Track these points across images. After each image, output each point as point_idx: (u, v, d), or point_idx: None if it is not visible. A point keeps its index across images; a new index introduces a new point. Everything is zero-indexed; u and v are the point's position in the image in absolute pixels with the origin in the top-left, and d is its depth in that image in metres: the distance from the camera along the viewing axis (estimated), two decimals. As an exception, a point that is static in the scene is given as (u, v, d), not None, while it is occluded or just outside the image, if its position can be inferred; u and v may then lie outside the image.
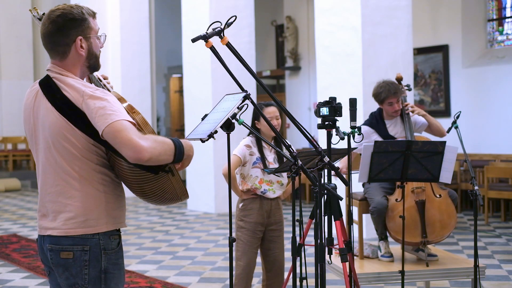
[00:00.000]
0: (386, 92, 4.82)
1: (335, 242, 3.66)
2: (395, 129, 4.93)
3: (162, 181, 2.41)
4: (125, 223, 2.52)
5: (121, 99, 2.45)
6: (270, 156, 4.16)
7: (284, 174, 4.20)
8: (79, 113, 2.31)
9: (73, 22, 2.39)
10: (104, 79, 2.60)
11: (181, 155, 2.37)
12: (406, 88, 5.03)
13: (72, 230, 2.36)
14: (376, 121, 4.96)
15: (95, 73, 2.56)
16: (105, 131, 2.24)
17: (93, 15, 2.47)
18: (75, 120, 2.33)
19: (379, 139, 4.84)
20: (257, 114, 4.13)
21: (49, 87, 2.40)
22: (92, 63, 2.47)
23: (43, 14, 2.67)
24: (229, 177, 3.09)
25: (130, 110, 2.41)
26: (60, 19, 2.38)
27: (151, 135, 2.33)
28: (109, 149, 2.36)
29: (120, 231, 2.50)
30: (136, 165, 2.32)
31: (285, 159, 4.15)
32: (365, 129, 4.89)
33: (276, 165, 4.14)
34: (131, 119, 2.30)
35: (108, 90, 2.51)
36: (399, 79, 5.04)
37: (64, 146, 2.35)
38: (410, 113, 4.92)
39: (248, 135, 4.22)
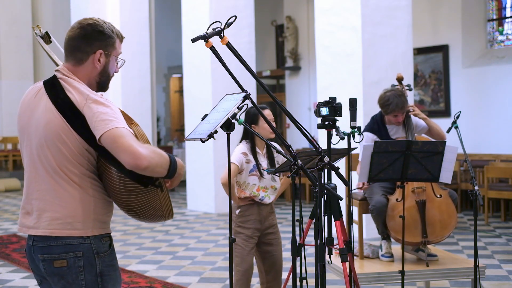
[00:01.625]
0: (394, 107, 4.77)
1: (335, 242, 3.66)
2: (396, 133, 4.92)
3: (150, 195, 2.39)
4: (110, 228, 2.50)
5: (121, 112, 2.45)
6: (264, 162, 4.13)
7: (277, 179, 4.18)
8: (79, 115, 2.31)
9: (101, 34, 2.42)
10: None
11: (174, 171, 2.37)
12: (407, 88, 5.03)
13: (57, 231, 2.34)
14: (377, 126, 4.95)
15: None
16: (104, 135, 2.24)
17: (121, 38, 2.51)
18: (73, 122, 2.33)
19: None
20: (254, 118, 4.09)
21: (53, 87, 2.41)
22: (103, 81, 2.49)
23: (46, 32, 2.70)
24: (229, 178, 3.10)
25: (129, 121, 2.41)
26: (89, 27, 2.42)
27: (149, 145, 2.33)
28: (101, 156, 2.35)
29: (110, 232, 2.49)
30: (129, 174, 2.31)
31: (276, 163, 4.14)
32: (368, 136, 4.87)
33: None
34: (130, 129, 2.30)
35: None
36: (400, 79, 5.03)
37: (57, 147, 2.35)
38: (412, 115, 4.91)
39: (240, 141, 4.19)
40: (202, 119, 2.87)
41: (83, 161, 2.36)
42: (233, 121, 2.76)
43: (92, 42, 2.42)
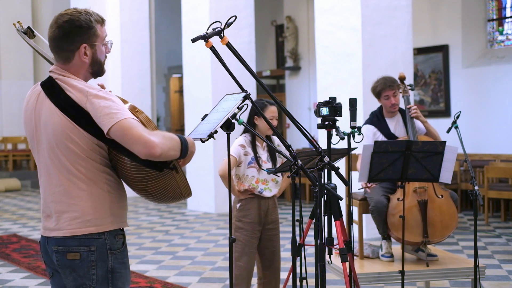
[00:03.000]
0: (382, 85, 4.84)
1: (335, 242, 3.66)
2: (396, 127, 4.92)
3: (166, 178, 2.42)
4: (127, 222, 2.53)
5: (123, 101, 2.46)
6: (264, 154, 4.14)
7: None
8: (83, 113, 2.33)
9: (79, 29, 2.40)
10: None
11: (186, 151, 2.40)
12: (409, 87, 5.02)
13: (77, 230, 2.37)
14: (377, 119, 4.96)
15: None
16: (112, 129, 2.25)
17: (102, 21, 2.48)
18: (79, 120, 2.34)
19: (382, 137, 4.85)
20: (255, 112, 4.12)
21: (52, 88, 2.41)
22: (96, 70, 2.49)
23: (28, 27, 2.70)
24: (229, 178, 3.10)
25: (133, 110, 2.42)
26: (66, 25, 2.40)
27: (158, 131, 2.35)
28: (112, 148, 2.37)
29: (124, 230, 2.51)
30: (143, 162, 2.33)
31: (277, 156, 4.16)
32: (369, 128, 4.89)
33: (270, 164, 4.13)
34: (136, 118, 2.32)
35: None
36: (402, 79, 5.03)
37: (67, 146, 2.36)
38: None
39: (242, 134, 4.21)
40: (202, 119, 2.87)
41: (95, 156, 2.38)
42: (233, 121, 2.76)
43: (73, 39, 2.40)
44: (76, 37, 2.40)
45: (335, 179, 3.68)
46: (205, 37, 2.64)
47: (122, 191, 2.49)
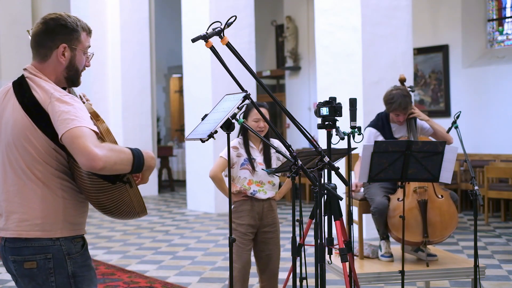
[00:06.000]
0: (397, 106, 4.78)
1: (335, 242, 3.66)
2: (399, 133, 4.92)
3: (119, 192, 2.35)
4: (85, 229, 2.46)
5: (88, 106, 2.42)
6: (259, 157, 4.12)
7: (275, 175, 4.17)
8: (44, 114, 2.29)
9: (63, 28, 2.39)
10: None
11: (140, 166, 2.32)
12: (409, 89, 5.01)
13: (24, 233, 2.32)
14: (382, 123, 4.94)
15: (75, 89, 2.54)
16: (64, 136, 2.20)
17: (88, 31, 2.46)
18: (39, 121, 2.30)
19: None
20: (245, 113, 4.12)
21: (20, 86, 2.38)
22: (71, 75, 2.44)
23: None
24: (229, 179, 3.10)
25: (95, 117, 2.38)
26: (52, 22, 2.39)
27: (108, 144, 2.27)
28: (69, 155, 2.31)
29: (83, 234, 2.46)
30: (94, 173, 2.28)
31: (272, 160, 4.14)
32: (372, 131, 4.88)
33: (264, 166, 4.12)
34: (94, 127, 2.25)
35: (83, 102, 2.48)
36: (402, 81, 5.02)
37: (24, 147, 2.32)
38: (417, 119, 4.90)
39: (238, 136, 4.20)
40: (202, 119, 2.87)
41: (51, 161, 2.33)
42: (233, 121, 2.76)
43: (55, 37, 2.38)
44: (57, 35, 2.38)
45: (335, 179, 3.69)
46: (205, 37, 2.64)
47: (82, 198, 2.42)
